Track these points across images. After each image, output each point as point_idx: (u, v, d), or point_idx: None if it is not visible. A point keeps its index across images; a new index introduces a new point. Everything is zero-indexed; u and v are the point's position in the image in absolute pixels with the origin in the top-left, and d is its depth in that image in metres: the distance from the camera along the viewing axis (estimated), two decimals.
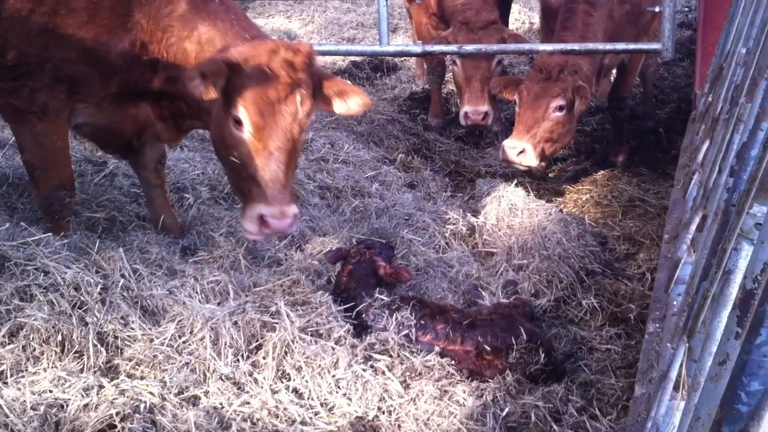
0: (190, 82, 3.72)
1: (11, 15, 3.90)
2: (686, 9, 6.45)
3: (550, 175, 6.80)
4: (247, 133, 3.78)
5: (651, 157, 6.91)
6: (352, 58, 9.41)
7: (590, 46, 6.16)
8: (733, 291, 1.72)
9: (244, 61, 3.74)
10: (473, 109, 6.87)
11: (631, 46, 6.41)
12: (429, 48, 6.94)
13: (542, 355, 3.84)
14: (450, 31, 7.09)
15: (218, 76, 3.71)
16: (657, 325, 2.91)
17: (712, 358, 1.67)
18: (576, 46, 6.14)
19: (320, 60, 9.28)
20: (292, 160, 3.85)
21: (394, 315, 3.88)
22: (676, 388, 2.13)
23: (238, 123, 3.79)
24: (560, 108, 5.97)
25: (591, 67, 6.24)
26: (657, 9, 6.28)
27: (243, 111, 3.75)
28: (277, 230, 3.88)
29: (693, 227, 3.02)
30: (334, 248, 4.53)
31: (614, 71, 7.22)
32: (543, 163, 6.26)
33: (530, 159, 5.98)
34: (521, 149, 5.95)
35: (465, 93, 6.97)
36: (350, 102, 4.01)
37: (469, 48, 6.67)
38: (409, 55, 7.85)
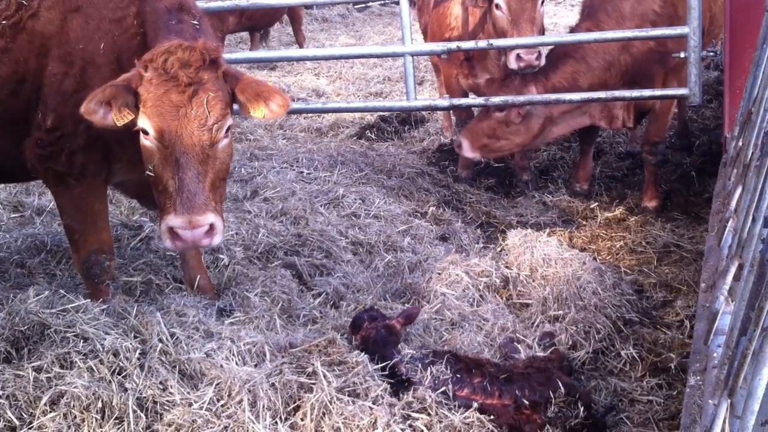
0: (94, 116, 3.65)
1: (50, 81, 4.09)
2: (711, 53, 6.41)
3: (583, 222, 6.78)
4: (152, 140, 3.70)
5: (684, 201, 6.86)
6: (381, 113, 9.52)
7: (617, 93, 6.17)
8: None
9: (144, 68, 3.67)
10: (526, 49, 6.45)
11: (658, 92, 6.39)
12: (456, 101, 7.02)
13: (581, 409, 3.79)
14: None
15: (117, 96, 3.64)
16: (698, 377, 2.87)
17: (755, 417, 1.65)
18: (601, 93, 6.16)
19: (348, 115, 9.52)
20: (205, 168, 3.68)
21: (429, 369, 3.87)
22: None
23: (145, 132, 3.72)
24: (500, 109, 6.54)
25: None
26: (682, 55, 6.26)
27: (144, 118, 3.68)
28: (189, 242, 3.69)
29: (730, 277, 2.99)
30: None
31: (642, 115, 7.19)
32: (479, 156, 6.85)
33: (466, 150, 6.71)
34: (458, 143, 6.73)
35: (513, 36, 6.54)
36: (271, 104, 3.83)
37: (496, 100, 6.72)
38: (437, 109, 7.92)
